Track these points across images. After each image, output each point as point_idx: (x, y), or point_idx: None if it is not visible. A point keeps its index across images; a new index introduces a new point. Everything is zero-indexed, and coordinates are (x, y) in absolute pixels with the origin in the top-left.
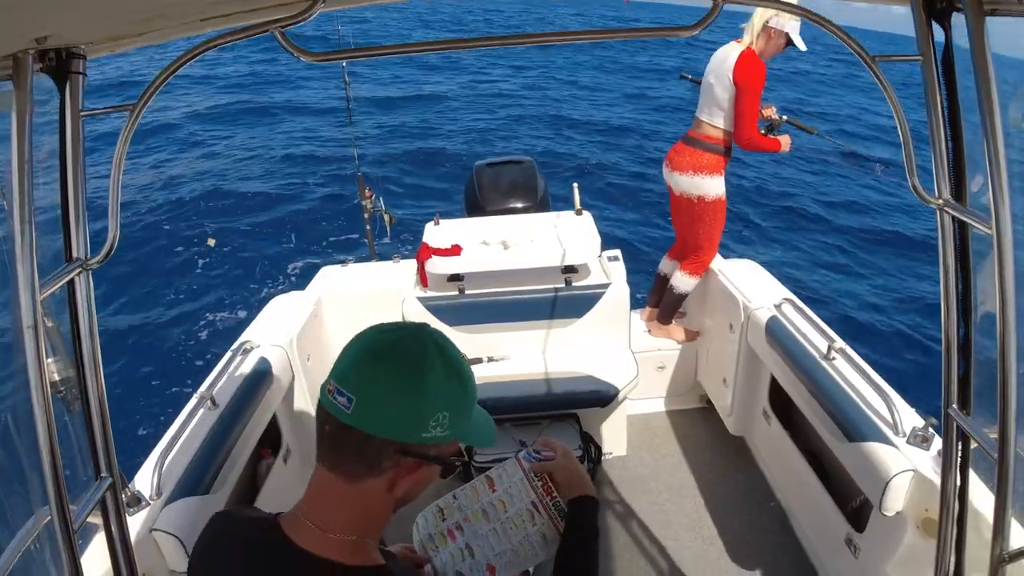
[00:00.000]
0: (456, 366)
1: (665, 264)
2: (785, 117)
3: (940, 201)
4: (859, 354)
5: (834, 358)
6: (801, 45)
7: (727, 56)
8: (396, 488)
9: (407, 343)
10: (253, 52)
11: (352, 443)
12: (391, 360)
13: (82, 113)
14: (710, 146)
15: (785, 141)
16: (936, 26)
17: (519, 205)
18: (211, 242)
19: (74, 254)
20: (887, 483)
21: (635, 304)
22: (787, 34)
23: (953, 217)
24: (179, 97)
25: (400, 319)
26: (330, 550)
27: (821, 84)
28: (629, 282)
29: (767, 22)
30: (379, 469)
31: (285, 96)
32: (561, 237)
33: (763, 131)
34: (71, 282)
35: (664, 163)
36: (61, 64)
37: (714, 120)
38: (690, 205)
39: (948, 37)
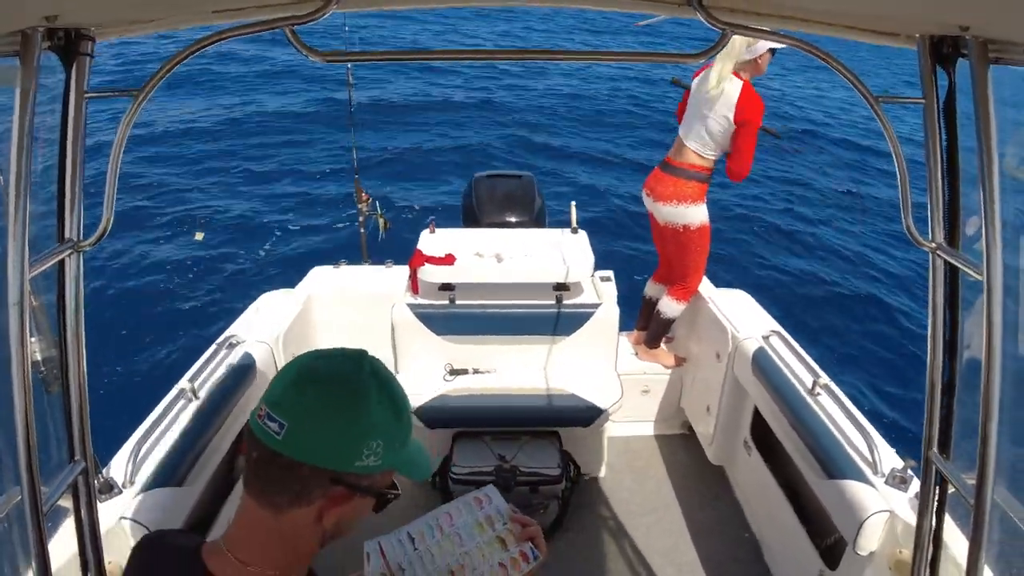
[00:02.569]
0: (393, 395)
1: (651, 288)
2: None
3: (933, 244)
4: (844, 391)
5: (818, 393)
6: (781, 45)
7: (726, 90)
8: (324, 519)
9: (344, 369)
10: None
11: (281, 471)
12: (326, 386)
13: (86, 95)
14: (693, 174)
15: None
16: (941, 71)
17: (515, 219)
18: (199, 236)
19: (66, 235)
20: (863, 522)
21: (624, 326)
22: (769, 48)
23: (945, 261)
24: (181, 87)
25: (389, 324)
26: None
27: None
28: (620, 304)
29: (749, 58)
30: (307, 499)
31: (287, 91)
32: (555, 254)
33: None
34: (61, 263)
35: (644, 191)
36: (69, 44)
37: (703, 150)
38: (675, 234)
39: (951, 82)
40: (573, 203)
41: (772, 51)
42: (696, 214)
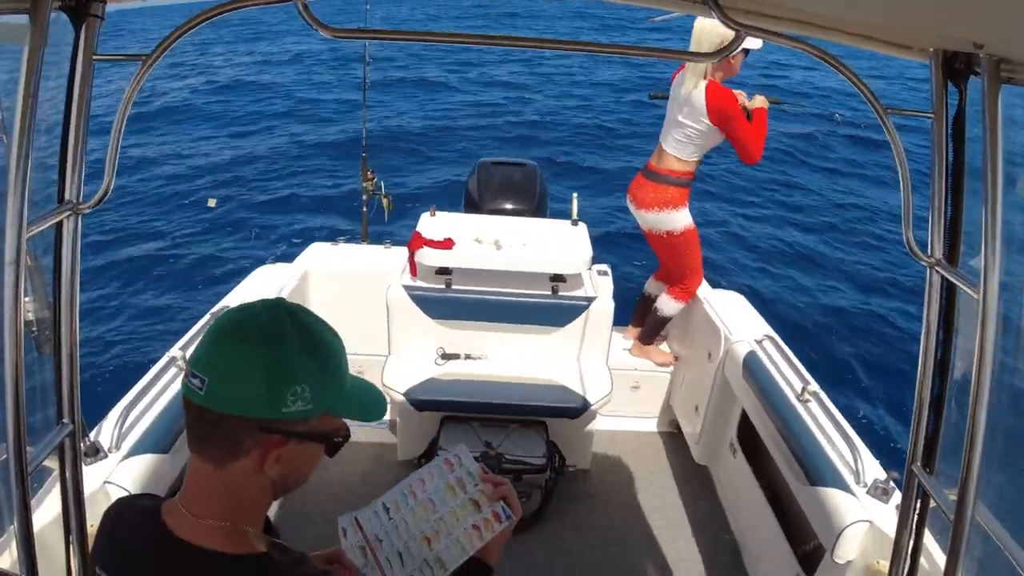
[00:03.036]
0: (312, 337)
1: (651, 285)
2: (755, 96)
3: (932, 259)
4: (832, 400)
5: (807, 400)
6: (756, 45)
7: (694, 96)
8: (265, 468)
9: (258, 319)
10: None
11: (211, 426)
12: (239, 336)
13: (95, 57)
14: (674, 180)
15: (761, 101)
16: (952, 87)
17: (515, 207)
18: (212, 203)
19: (66, 196)
20: (842, 531)
21: (618, 321)
22: (743, 49)
23: (943, 277)
24: (193, 58)
25: (383, 304)
26: (205, 538)
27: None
28: (615, 299)
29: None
30: (242, 450)
31: (303, 67)
32: (554, 245)
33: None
34: (59, 224)
35: (628, 197)
36: (80, 5)
37: (683, 154)
38: (661, 239)
39: (962, 99)
40: (575, 194)
41: (745, 51)
42: (678, 219)
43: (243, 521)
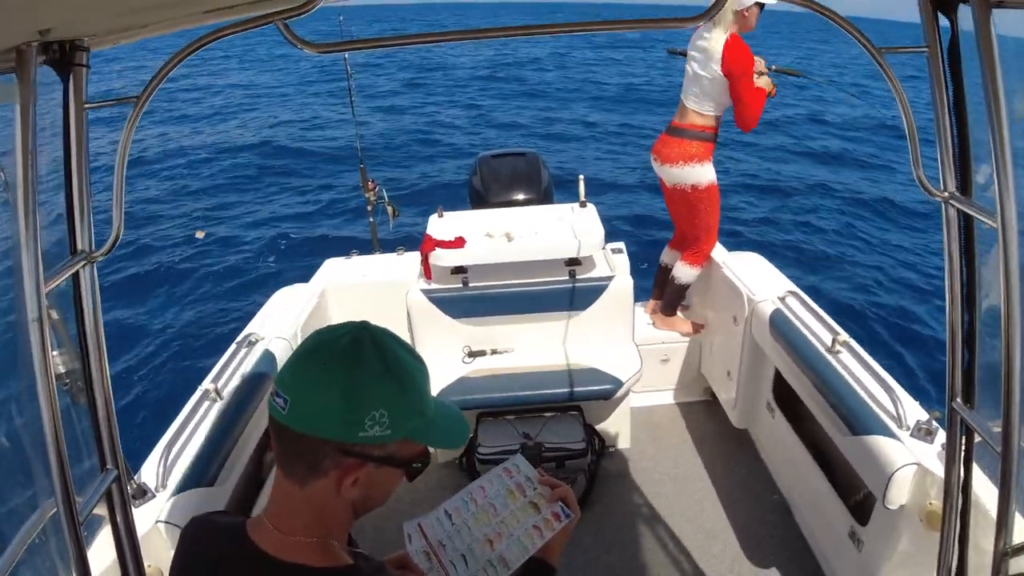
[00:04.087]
0: (393, 363)
1: (667, 255)
2: (773, 67)
3: (945, 194)
4: (863, 347)
5: (838, 351)
6: (773, 1)
7: (710, 45)
8: (344, 489)
9: (341, 342)
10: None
11: (292, 444)
12: (322, 359)
13: (86, 105)
14: (697, 134)
15: (765, 82)
16: (943, 17)
17: (522, 197)
18: (200, 234)
19: (79, 246)
20: (890, 476)
21: (639, 297)
22: (757, 3)
23: (958, 210)
24: (179, 84)
25: (404, 311)
26: (293, 553)
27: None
28: (633, 275)
29: (735, 9)
30: (321, 470)
31: (287, 82)
32: (565, 229)
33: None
34: (76, 275)
35: (652, 156)
36: (64, 56)
37: (702, 108)
38: (683, 195)
39: (954, 29)
40: (581, 176)
41: (760, 5)
42: (703, 173)
43: (328, 536)
